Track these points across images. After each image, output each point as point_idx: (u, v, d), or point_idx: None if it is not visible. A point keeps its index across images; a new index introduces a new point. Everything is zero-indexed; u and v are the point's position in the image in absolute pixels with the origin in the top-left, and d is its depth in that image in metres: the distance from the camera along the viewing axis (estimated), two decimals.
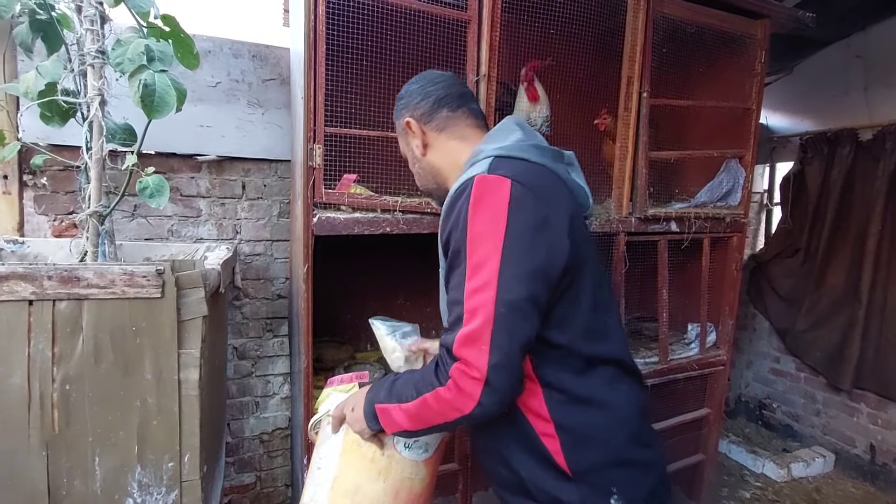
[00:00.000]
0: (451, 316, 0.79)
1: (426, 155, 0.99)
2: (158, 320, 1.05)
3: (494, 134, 0.93)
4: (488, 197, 0.78)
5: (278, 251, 1.84)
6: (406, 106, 1.00)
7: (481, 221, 0.77)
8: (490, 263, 0.75)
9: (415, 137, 0.99)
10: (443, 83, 0.98)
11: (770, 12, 1.86)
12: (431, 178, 1.01)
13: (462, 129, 0.97)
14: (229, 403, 1.81)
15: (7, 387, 0.97)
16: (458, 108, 0.97)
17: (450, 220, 0.82)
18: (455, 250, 0.80)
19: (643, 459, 0.89)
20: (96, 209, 1.15)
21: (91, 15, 1.14)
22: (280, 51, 1.76)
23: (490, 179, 0.80)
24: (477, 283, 0.75)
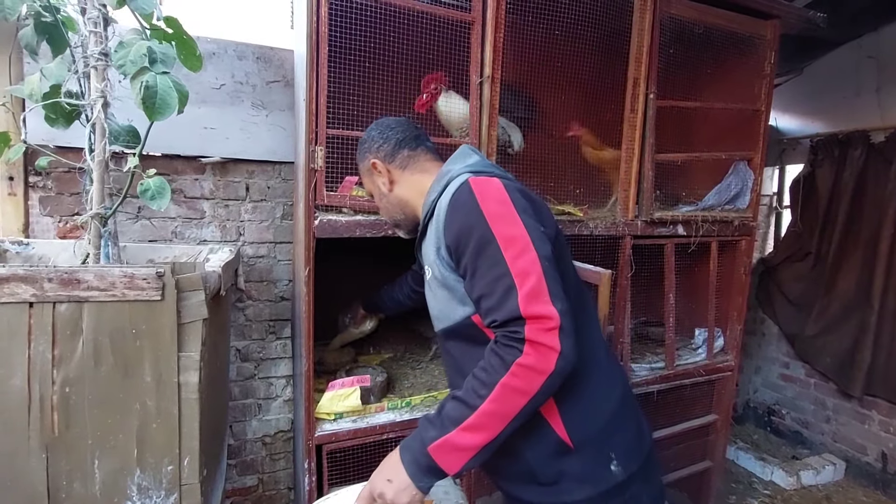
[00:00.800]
0: (497, 292, 0.81)
1: (393, 190, 1.08)
2: (158, 323, 1.05)
3: (455, 158, 1.03)
4: (487, 187, 0.88)
5: (281, 253, 1.84)
6: (369, 149, 1.08)
7: (493, 204, 0.86)
8: (518, 230, 0.83)
9: (381, 176, 1.07)
10: (399, 128, 1.08)
11: (780, 12, 1.83)
12: (399, 209, 1.09)
13: (423, 164, 1.07)
14: (232, 405, 1.81)
15: (7, 388, 0.97)
16: (416, 147, 1.07)
17: (457, 220, 0.88)
18: (478, 239, 0.84)
19: (635, 425, 1.00)
20: (98, 211, 1.15)
21: (95, 17, 1.14)
22: (284, 52, 1.75)
23: (481, 178, 0.91)
24: (516, 250, 0.81)
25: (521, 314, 0.78)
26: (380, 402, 1.45)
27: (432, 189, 1.00)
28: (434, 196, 0.97)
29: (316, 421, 1.35)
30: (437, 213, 0.95)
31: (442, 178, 0.98)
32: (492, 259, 0.82)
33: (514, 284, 0.79)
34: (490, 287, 0.82)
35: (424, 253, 1.02)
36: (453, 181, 0.95)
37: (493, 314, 0.82)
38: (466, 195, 0.88)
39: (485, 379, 0.80)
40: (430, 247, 0.96)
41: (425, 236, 1.01)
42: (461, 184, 0.91)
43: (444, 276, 0.94)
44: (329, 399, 1.37)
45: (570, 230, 1.55)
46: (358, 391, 1.39)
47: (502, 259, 0.81)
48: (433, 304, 1.03)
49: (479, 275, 0.84)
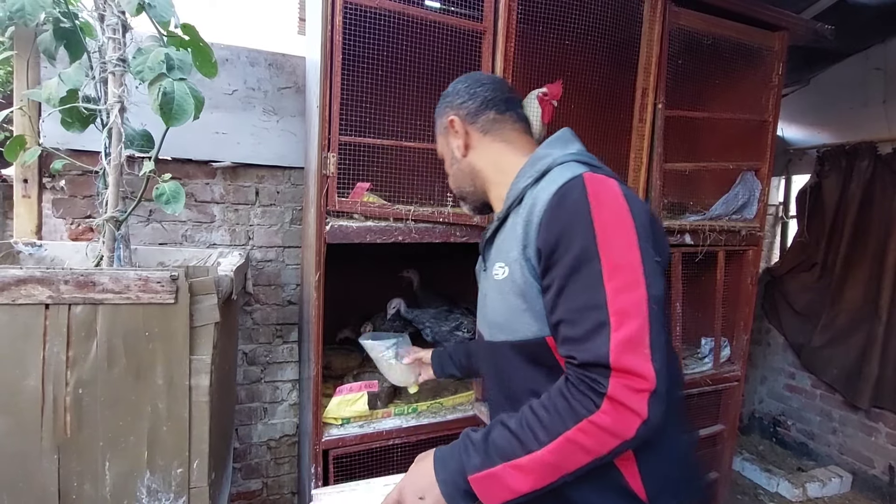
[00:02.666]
0: (585, 324, 0.67)
1: (467, 156, 0.95)
2: (171, 326, 1.06)
3: (554, 142, 0.87)
4: (605, 191, 0.72)
5: (290, 257, 1.85)
6: (451, 104, 0.96)
7: (608, 214, 0.70)
8: (631, 257, 0.68)
9: (457, 137, 0.95)
10: (491, 85, 0.95)
11: (788, 24, 1.84)
12: (469, 180, 0.97)
13: (507, 133, 0.93)
14: (238, 409, 1.82)
15: (22, 389, 0.98)
16: (505, 111, 0.94)
17: (559, 222, 0.73)
18: (578, 252, 0.69)
19: (696, 465, 0.89)
20: (113, 214, 1.16)
21: (113, 24, 1.15)
22: (296, 59, 1.77)
23: (598, 177, 0.74)
24: (622, 282, 0.67)
25: (609, 363, 0.64)
26: (386, 408, 1.45)
27: (523, 173, 0.85)
28: (525, 182, 0.82)
29: (323, 425, 1.35)
30: (529, 205, 0.79)
31: (537, 161, 0.83)
32: (588, 282, 0.68)
33: (608, 322, 0.65)
34: (577, 315, 0.68)
35: (500, 247, 0.86)
36: (555, 169, 0.80)
37: (572, 349, 0.68)
38: (578, 194, 0.72)
39: (547, 423, 0.67)
40: (513, 242, 0.80)
41: (503, 226, 0.87)
42: (573, 178, 0.74)
43: (525, 281, 0.78)
44: (336, 404, 1.37)
45: None
46: (365, 396, 1.39)
47: (601, 287, 0.66)
48: (497, 309, 0.86)
49: (568, 296, 0.70)
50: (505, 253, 0.83)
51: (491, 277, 0.87)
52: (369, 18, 1.28)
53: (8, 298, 0.95)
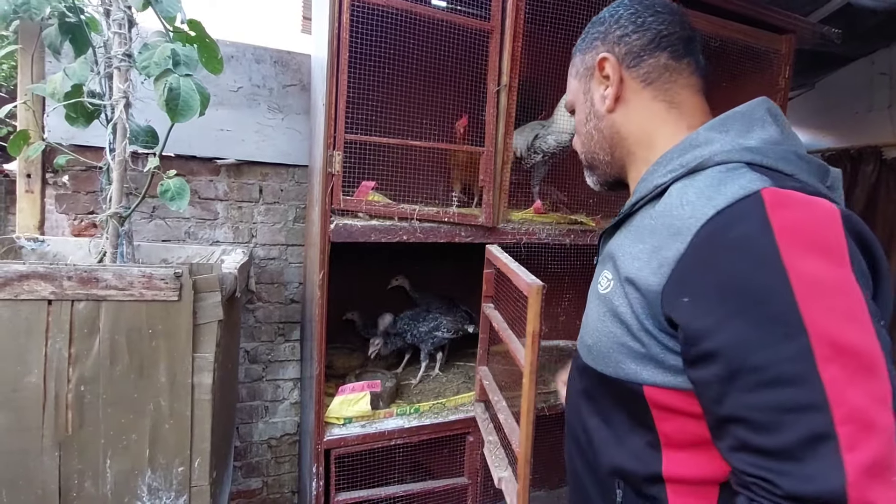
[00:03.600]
0: (791, 431, 0.44)
1: (615, 111, 0.69)
2: (174, 323, 1.05)
3: (734, 120, 0.60)
4: (806, 224, 0.47)
5: (293, 256, 1.84)
6: (605, 35, 0.69)
7: (815, 263, 0.45)
8: (860, 329, 0.44)
9: (604, 83, 0.69)
10: (668, 15, 0.67)
11: (795, 27, 1.84)
12: (607, 145, 0.71)
13: (678, 91, 0.66)
14: (239, 407, 1.81)
15: (23, 386, 0.97)
16: (683, 56, 0.66)
17: (717, 270, 0.49)
18: (765, 318, 0.46)
19: None
20: (117, 210, 1.15)
21: (119, 19, 1.15)
22: (301, 57, 1.77)
23: (791, 195, 0.48)
24: (848, 368, 0.43)
25: (847, 497, 0.41)
26: (388, 408, 1.45)
27: (668, 158, 0.62)
28: (664, 177, 0.61)
29: (325, 425, 1.34)
30: (666, 218, 0.57)
31: (691, 148, 0.60)
32: (790, 368, 0.44)
33: (831, 432, 0.42)
34: (769, 416, 0.45)
35: (616, 251, 0.65)
36: (712, 171, 0.55)
37: (768, 467, 0.45)
38: (754, 227, 0.47)
39: None
40: (631, 258, 0.60)
41: (628, 223, 0.66)
42: (743, 197, 0.49)
43: (631, 315, 0.59)
44: (339, 403, 1.36)
45: (581, 240, 1.55)
46: (368, 396, 1.38)
47: (816, 377, 0.43)
48: (591, 327, 0.67)
49: (746, 382, 0.46)
50: (616, 262, 0.63)
51: (596, 281, 0.69)
52: (376, 16, 1.27)
53: (10, 294, 0.95)
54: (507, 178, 1.42)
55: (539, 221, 1.52)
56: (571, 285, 1.80)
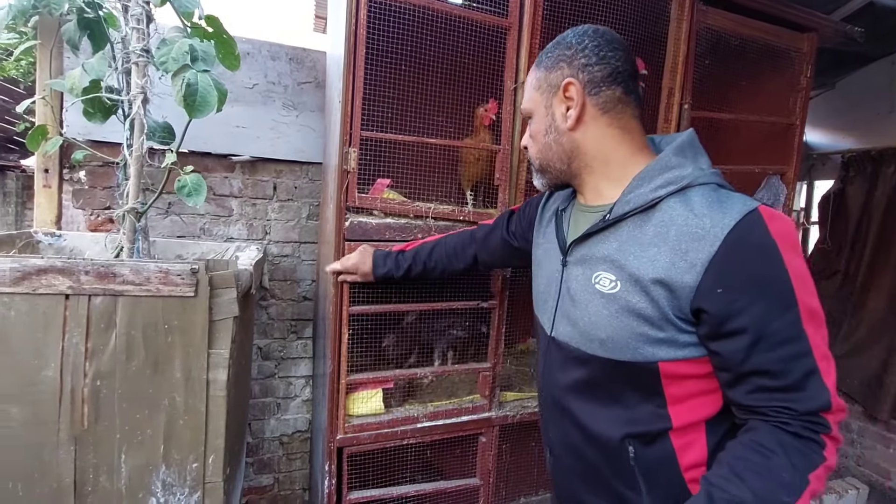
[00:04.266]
0: (795, 373, 0.65)
1: (575, 130, 0.79)
2: (190, 319, 1.05)
3: (687, 148, 0.76)
4: (787, 232, 0.67)
5: (306, 253, 1.84)
6: (571, 61, 0.78)
7: (797, 258, 0.66)
8: (816, 298, 0.67)
9: (566, 103, 0.79)
10: (623, 52, 0.78)
11: (818, 26, 1.80)
12: (565, 157, 0.82)
13: (627, 120, 0.79)
14: (251, 403, 1.81)
15: (40, 380, 0.97)
16: (631, 91, 0.78)
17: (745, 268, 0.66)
18: (777, 301, 0.65)
19: None
20: (134, 206, 1.16)
21: (137, 14, 1.15)
22: (317, 54, 1.76)
23: (774, 213, 0.68)
24: (816, 324, 0.66)
25: (831, 406, 0.65)
26: (401, 406, 1.44)
27: (649, 176, 0.74)
28: (659, 191, 0.72)
29: (338, 423, 1.34)
30: (677, 228, 0.70)
31: (671, 169, 0.74)
32: (791, 331, 0.65)
33: (816, 368, 0.65)
34: (785, 365, 0.65)
35: (610, 255, 0.76)
36: (700, 189, 0.71)
37: (786, 399, 0.65)
38: (762, 236, 0.66)
39: (790, 482, 0.63)
40: (644, 262, 0.72)
41: (615, 231, 0.77)
42: (749, 213, 0.67)
43: (655, 310, 0.71)
44: (351, 401, 1.36)
45: None
46: (380, 394, 1.38)
47: (804, 334, 0.65)
48: (601, 324, 0.77)
49: (768, 346, 0.65)
50: (620, 265, 0.74)
51: (587, 280, 0.79)
52: (393, 13, 1.26)
53: (28, 288, 0.95)
54: (523, 177, 1.41)
55: None
56: None
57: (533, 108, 0.85)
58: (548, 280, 0.90)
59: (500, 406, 1.49)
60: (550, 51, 0.82)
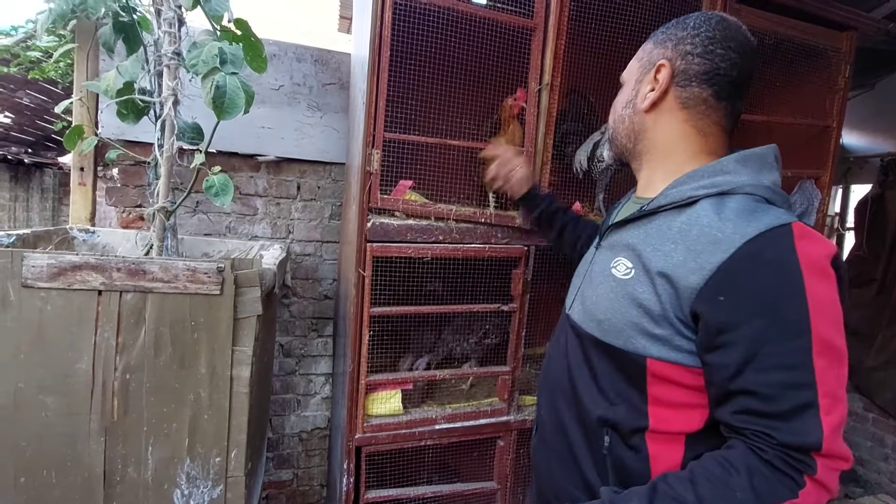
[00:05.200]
0: (786, 402, 0.60)
1: (649, 113, 0.78)
2: (216, 317, 1.07)
3: (753, 159, 0.73)
4: (818, 255, 0.62)
5: (328, 252, 1.86)
6: (677, 44, 0.75)
7: (822, 285, 0.61)
8: (841, 336, 0.61)
9: (653, 85, 0.77)
10: (735, 55, 0.73)
11: (858, 24, 1.73)
12: (633, 136, 0.82)
13: (707, 125, 0.76)
14: (272, 399, 1.84)
15: (74, 372, 1.01)
16: (724, 98, 0.75)
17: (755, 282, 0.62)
18: (784, 322, 0.61)
19: None
20: (164, 205, 1.19)
21: (169, 18, 1.18)
22: (341, 56, 1.78)
23: (812, 233, 0.64)
24: (830, 359, 0.60)
25: (821, 448, 0.59)
26: (419, 408, 1.44)
27: (697, 176, 0.73)
28: (698, 191, 0.71)
29: (357, 422, 1.35)
30: (699, 227, 0.68)
31: (720, 173, 0.71)
32: (795, 358, 0.60)
33: (815, 403, 0.59)
34: (777, 391, 0.60)
35: (634, 243, 0.76)
36: (740, 198, 0.68)
37: (769, 426, 0.61)
38: (786, 252, 0.61)
39: (741, 500, 0.60)
40: (658, 254, 0.71)
41: (648, 221, 0.76)
42: (778, 226, 0.63)
43: (657, 304, 0.70)
44: (370, 401, 1.37)
45: None
46: (399, 394, 1.38)
47: (809, 364, 0.59)
48: (603, 305, 0.78)
49: (763, 366, 0.61)
50: (639, 254, 0.74)
51: (607, 264, 0.79)
52: (418, 14, 1.26)
53: (64, 283, 0.98)
54: (546, 180, 1.39)
55: None
56: None
57: (627, 78, 0.85)
58: (582, 262, 0.93)
59: (518, 410, 1.48)
60: (669, 27, 0.79)
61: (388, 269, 1.33)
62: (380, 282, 1.31)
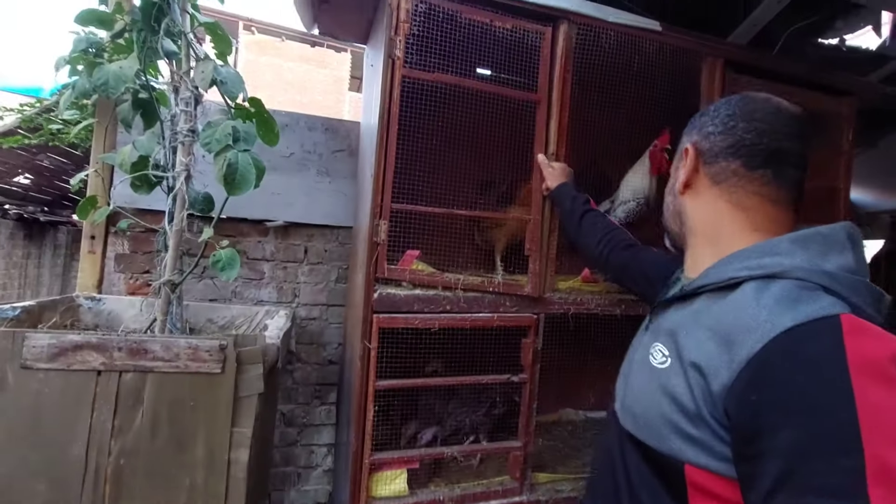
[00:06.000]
0: None
1: (683, 195, 0.79)
2: (215, 396, 1.04)
3: (813, 239, 0.63)
4: (878, 357, 0.51)
5: (333, 316, 1.84)
6: (700, 128, 0.77)
7: (881, 394, 0.49)
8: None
9: (683, 168, 0.78)
10: (763, 125, 0.70)
11: (857, 89, 1.76)
12: (677, 219, 0.81)
13: (744, 197, 0.71)
14: (272, 472, 1.76)
15: (66, 457, 0.97)
16: (758, 167, 0.70)
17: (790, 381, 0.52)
18: (827, 434, 0.49)
19: None
20: (170, 278, 1.18)
21: (187, 97, 1.22)
22: (350, 124, 1.83)
23: (868, 327, 0.53)
24: (888, 493, 0.47)
25: None
26: (426, 487, 1.36)
27: (742, 256, 0.66)
28: (740, 272, 0.64)
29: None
30: (734, 314, 0.60)
31: (768, 254, 0.64)
32: (841, 481, 0.47)
33: None
34: None
35: (672, 328, 0.70)
36: (787, 283, 0.59)
37: None
38: (828, 351, 0.52)
39: None
40: (693, 343, 0.64)
41: (689, 303, 0.70)
42: (822, 318, 0.54)
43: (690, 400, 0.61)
44: (374, 481, 1.29)
45: (633, 311, 1.47)
46: (405, 475, 1.31)
47: (864, 494, 0.46)
48: (638, 396, 0.72)
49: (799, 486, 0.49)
50: (676, 341, 0.67)
51: (647, 350, 0.73)
52: (426, 90, 1.30)
53: (64, 364, 0.96)
54: (553, 246, 1.38)
55: (588, 291, 1.46)
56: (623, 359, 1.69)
57: (671, 172, 0.86)
58: (631, 345, 0.86)
59: (531, 489, 1.39)
60: (695, 117, 0.81)
61: (395, 340, 1.29)
62: (386, 353, 1.27)
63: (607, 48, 1.41)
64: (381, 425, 1.29)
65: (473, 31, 1.30)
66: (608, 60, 1.42)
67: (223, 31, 1.28)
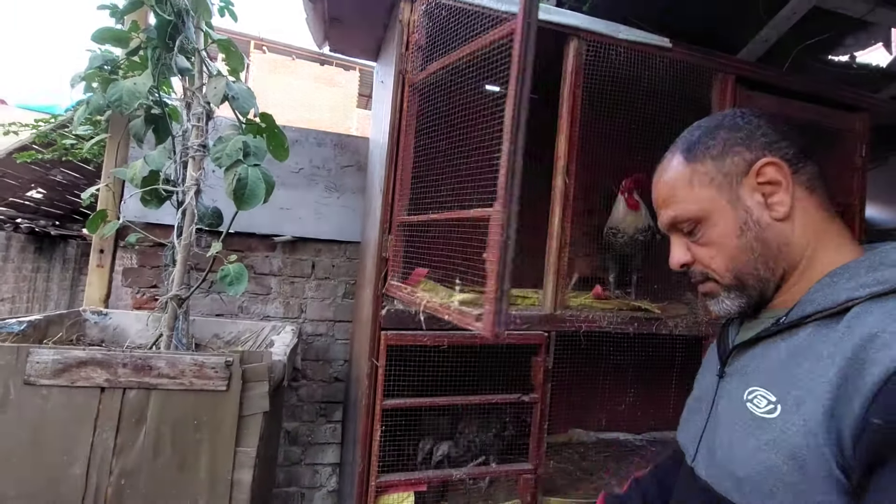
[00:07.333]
0: None
1: (785, 220, 0.61)
2: (220, 414, 1.01)
3: None
4: None
5: (339, 332, 1.82)
6: (750, 143, 0.63)
7: None
8: None
9: (764, 190, 0.62)
10: (794, 130, 0.64)
11: (868, 106, 1.75)
12: (772, 257, 0.63)
13: (827, 200, 0.63)
14: (275, 493, 1.72)
15: (66, 477, 0.94)
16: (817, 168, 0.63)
17: None
18: None
19: None
20: (177, 293, 1.17)
21: (198, 113, 1.23)
22: (359, 140, 1.84)
23: None
24: None
25: None
26: None
27: (852, 272, 0.56)
28: (856, 291, 0.54)
29: None
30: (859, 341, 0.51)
31: (882, 267, 0.54)
32: None
33: None
34: None
35: (772, 368, 0.59)
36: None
37: None
38: None
39: None
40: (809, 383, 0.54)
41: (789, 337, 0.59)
42: None
43: (816, 459, 0.51)
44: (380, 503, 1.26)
45: (646, 329, 1.43)
46: (412, 498, 1.27)
47: None
48: (742, 457, 0.58)
49: None
50: (785, 383, 0.56)
51: (739, 395, 0.61)
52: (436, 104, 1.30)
53: (67, 380, 0.95)
54: (564, 263, 1.36)
55: (599, 308, 1.43)
56: (636, 378, 1.65)
57: (706, 209, 0.65)
58: (700, 395, 0.72)
59: None
60: (708, 137, 0.65)
61: (402, 358, 1.27)
62: (393, 371, 1.25)
63: (617, 64, 1.40)
64: (388, 445, 1.26)
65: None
66: (618, 76, 1.41)
67: (236, 49, 1.29)
